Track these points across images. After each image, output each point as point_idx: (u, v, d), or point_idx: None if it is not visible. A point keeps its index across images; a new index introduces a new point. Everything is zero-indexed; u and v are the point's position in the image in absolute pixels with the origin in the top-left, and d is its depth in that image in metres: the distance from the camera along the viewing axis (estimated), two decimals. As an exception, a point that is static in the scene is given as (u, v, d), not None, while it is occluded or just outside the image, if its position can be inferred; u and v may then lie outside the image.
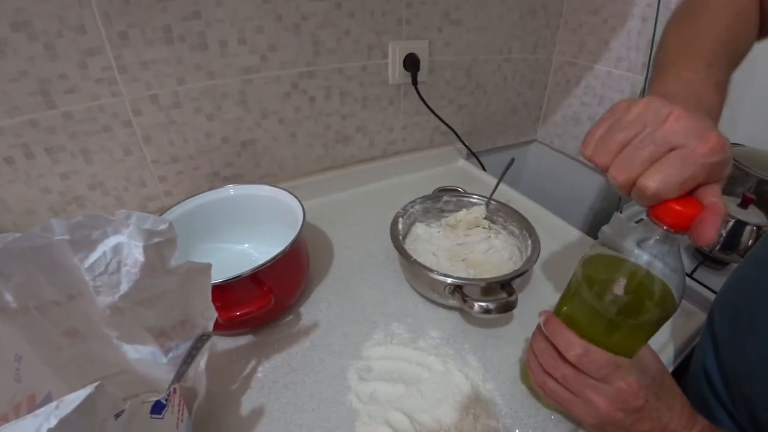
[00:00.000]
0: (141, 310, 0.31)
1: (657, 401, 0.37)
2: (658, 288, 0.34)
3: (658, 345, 0.54)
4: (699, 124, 0.29)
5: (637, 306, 0.35)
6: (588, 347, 0.37)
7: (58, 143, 0.58)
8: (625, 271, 0.35)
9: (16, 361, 0.31)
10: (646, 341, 0.39)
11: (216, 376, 0.47)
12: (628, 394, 0.36)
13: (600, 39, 0.93)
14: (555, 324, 0.40)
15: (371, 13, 0.71)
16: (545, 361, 0.41)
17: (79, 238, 0.26)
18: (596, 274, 0.37)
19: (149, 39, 0.57)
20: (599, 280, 0.36)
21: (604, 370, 0.36)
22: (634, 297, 0.35)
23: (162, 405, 0.32)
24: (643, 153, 0.29)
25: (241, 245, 0.63)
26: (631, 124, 0.30)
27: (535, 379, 0.43)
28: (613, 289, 0.35)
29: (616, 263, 0.36)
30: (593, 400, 0.37)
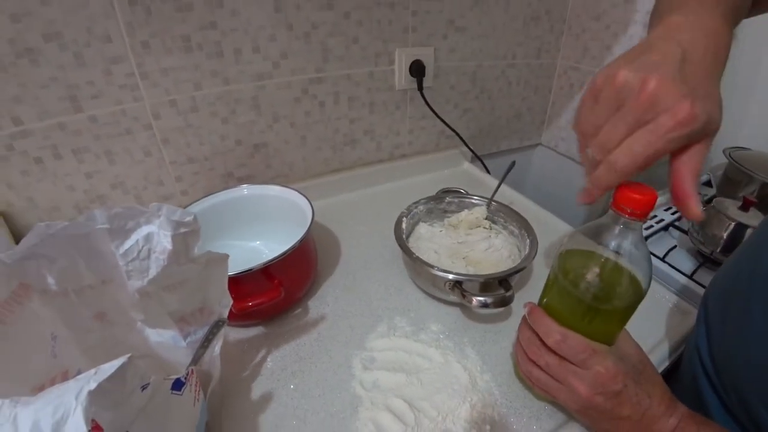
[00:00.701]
0: (165, 295, 0.35)
1: (636, 386, 0.38)
2: (625, 275, 0.38)
3: (653, 341, 0.56)
4: (671, 93, 0.29)
5: (607, 292, 0.38)
6: (566, 333, 0.39)
7: (83, 145, 0.62)
8: (595, 261, 0.38)
9: (53, 340, 0.34)
10: (621, 327, 0.41)
11: (229, 364, 0.50)
12: (606, 378, 0.37)
13: (603, 44, 0.96)
14: (537, 313, 0.42)
15: (378, 22, 0.75)
16: (530, 349, 0.43)
17: (117, 227, 0.30)
18: (570, 265, 0.40)
19: (169, 47, 0.61)
20: (573, 270, 0.39)
21: (581, 355, 0.38)
22: (603, 284, 0.38)
23: (181, 383, 0.35)
24: (618, 131, 0.31)
25: (253, 242, 0.66)
26: (608, 101, 0.32)
27: (521, 368, 0.45)
28: (585, 278, 0.38)
29: (587, 255, 0.39)
30: (574, 385, 0.39)
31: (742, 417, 0.41)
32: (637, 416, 0.38)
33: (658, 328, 0.58)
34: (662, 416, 0.38)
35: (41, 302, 0.33)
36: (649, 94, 0.29)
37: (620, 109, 0.31)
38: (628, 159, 0.31)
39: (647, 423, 0.38)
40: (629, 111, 0.31)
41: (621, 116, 0.31)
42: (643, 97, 0.30)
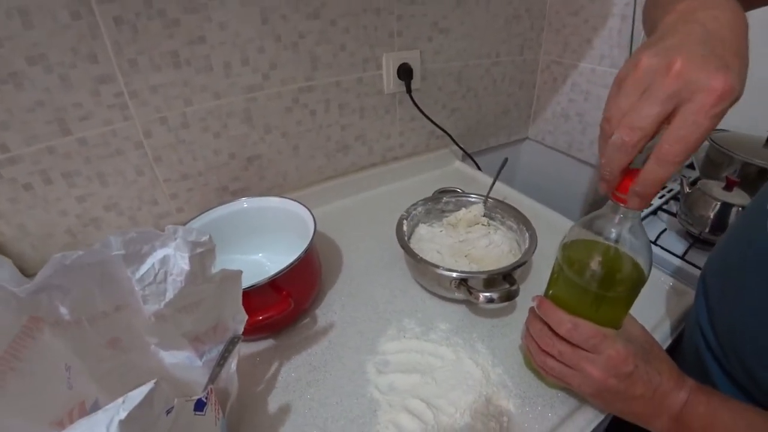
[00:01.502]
0: (181, 316, 0.34)
1: (646, 366, 0.40)
2: (627, 262, 0.39)
3: (654, 321, 0.57)
4: (703, 69, 0.28)
5: (610, 279, 0.40)
6: (577, 321, 0.41)
7: (74, 168, 0.61)
8: (598, 251, 0.39)
9: (67, 371, 0.33)
10: (626, 311, 0.43)
11: (242, 379, 0.49)
12: (618, 360, 0.39)
13: (583, 38, 0.98)
14: (546, 305, 0.43)
15: (364, 28, 0.75)
16: (542, 341, 0.44)
17: (132, 252, 0.30)
18: (574, 256, 0.41)
19: (157, 64, 0.61)
20: (577, 261, 0.41)
21: (592, 340, 0.40)
22: (607, 272, 0.39)
23: (203, 403, 0.35)
24: (651, 111, 0.29)
25: (255, 255, 0.66)
26: (633, 85, 0.30)
27: (535, 360, 0.46)
28: (589, 267, 0.40)
29: (589, 245, 0.40)
30: (587, 370, 0.40)
31: (745, 381, 0.43)
32: (649, 394, 0.39)
33: (658, 309, 0.60)
34: (672, 391, 0.39)
35: (53, 333, 0.32)
36: (677, 72, 0.28)
37: (648, 90, 0.30)
38: (681, 146, 0.29)
39: (659, 399, 0.39)
40: (659, 88, 0.29)
41: (650, 94, 0.29)
42: (671, 76, 0.28)
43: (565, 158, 1.15)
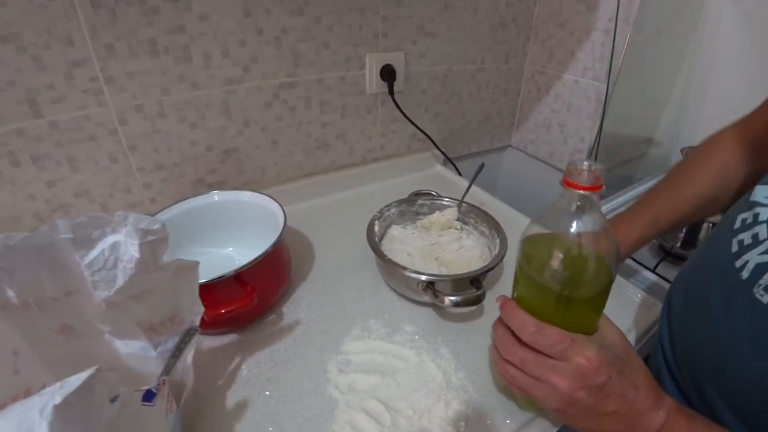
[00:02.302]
0: (133, 304, 0.34)
1: (621, 378, 0.35)
2: (590, 256, 0.36)
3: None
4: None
5: (573, 276, 0.36)
6: (541, 325, 0.36)
7: (44, 152, 0.60)
8: (557, 245, 0.36)
9: (14, 356, 0.33)
10: (598, 313, 0.39)
11: (202, 372, 0.49)
12: (589, 370, 0.34)
13: (567, 50, 0.99)
14: (509, 306, 0.39)
15: (349, 27, 0.75)
16: (504, 347, 0.40)
17: (81, 236, 0.29)
18: (533, 252, 0.38)
19: (135, 51, 0.60)
20: (536, 257, 0.38)
21: (559, 346, 0.35)
22: (568, 269, 0.36)
23: (153, 393, 0.35)
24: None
25: (225, 249, 0.65)
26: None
27: (498, 369, 0.42)
28: (549, 264, 0.36)
29: (548, 240, 0.37)
30: (553, 381, 0.36)
31: (699, 404, 0.42)
32: (623, 410, 0.35)
33: (625, 320, 0.60)
34: (650, 410, 0.35)
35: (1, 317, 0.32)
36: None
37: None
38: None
39: (634, 417, 0.35)
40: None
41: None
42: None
43: (546, 167, 1.16)
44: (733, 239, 0.40)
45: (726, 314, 0.39)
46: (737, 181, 0.56)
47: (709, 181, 0.56)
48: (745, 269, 0.38)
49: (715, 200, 0.57)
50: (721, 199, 0.57)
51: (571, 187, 0.33)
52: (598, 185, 0.33)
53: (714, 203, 0.57)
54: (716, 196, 0.57)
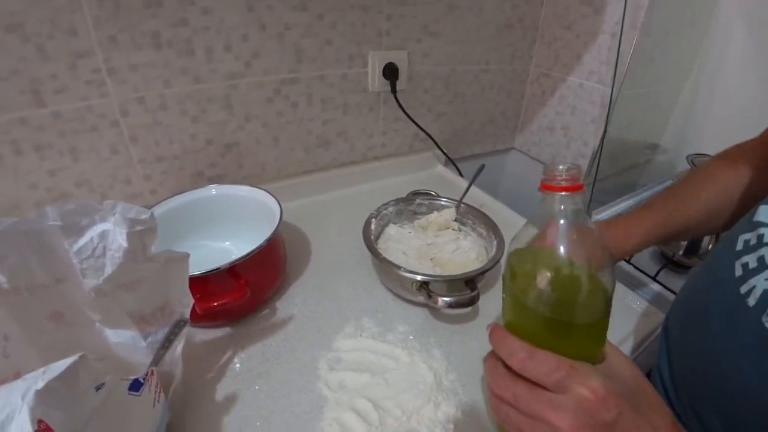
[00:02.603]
0: (122, 293, 0.34)
1: (635, 414, 0.29)
2: (582, 272, 0.31)
3: (616, 340, 0.56)
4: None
5: (563, 297, 0.31)
6: (533, 350, 0.31)
7: (46, 141, 0.60)
8: (541, 260, 0.32)
9: (4, 340, 0.33)
10: (599, 339, 0.33)
11: (194, 365, 0.50)
12: (594, 403, 0.28)
13: (573, 53, 0.98)
14: (498, 333, 0.34)
15: (352, 25, 0.75)
16: (495, 381, 0.34)
17: (70, 224, 0.29)
18: (519, 269, 0.33)
19: (138, 43, 0.60)
20: (521, 274, 0.33)
21: (556, 374, 0.29)
22: (557, 288, 0.31)
23: (140, 383, 0.35)
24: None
25: (223, 243, 0.65)
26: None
27: (491, 407, 0.36)
28: (535, 283, 0.31)
29: (531, 254, 0.33)
30: (551, 419, 0.29)
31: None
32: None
33: (622, 328, 0.59)
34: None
35: (-8, 301, 0.32)
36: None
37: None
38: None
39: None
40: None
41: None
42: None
43: (549, 171, 1.15)
44: (736, 262, 0.37)
45: (730, 342, 0.36)
46: (740, 199, 0.54)
47: (714, 196, 0.55)
48: (752, 296, 0.35)
49: (717, 214, 0.56)
50: (722, 214, 0.55)
51: (549, 191, 0.31)
52: (577, 185, 0.30)
53: (717, 218, 0.56)
54: (718, 210, 0.55)
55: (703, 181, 0.57)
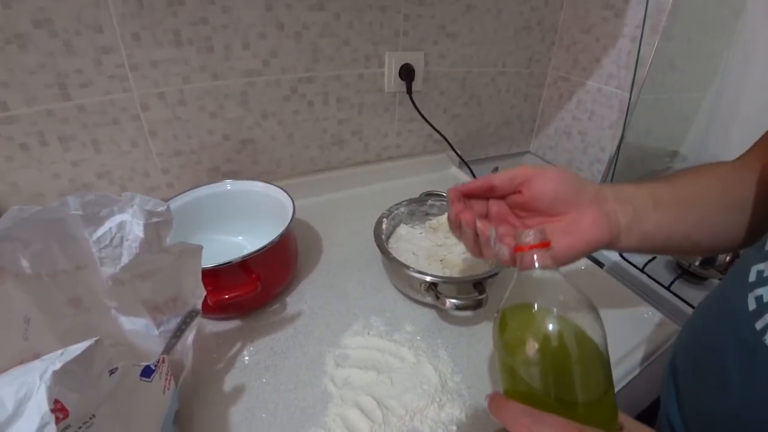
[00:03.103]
0: (138, 282, 0.35)
1: None
2: (571, 343, 0.30)
3: (628, 348, 0.56)
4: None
5: (555, 374, 0.29)
6: (539, 415, 0.28)
7: (70, 133, 0.62)
8: (528, 329, 0.31)
9: (25, 322, 0.34)
10: (610, 405, 0.31)
11: (203, 355, 0.51)
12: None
13: (592, 57, 0.97)
14: (497, 401, 0.31)
15: (369, 25, 0.76)
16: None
17: (90, 213, 0.31)
18: (509, 335, 0.32)
19: (159, 40, 0.62)
20: (512, 342, 0.32)
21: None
22: (550, 365, 0.29)
23: (151, 370, 0.36)
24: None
25: (236, 237, 0.67)
26: None
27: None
28: (525, 353, 0.30)
29: (517, 321, 0.32)
30: None
31: None
32: None
33: (632, 338, 0.58)
34: None
35: (15, 285, 0.33)
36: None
37: None
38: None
39: None
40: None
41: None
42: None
43: (565, 176, 1.14)
44: (749, 294, 0.34)
45: (746, 383, 0.33)
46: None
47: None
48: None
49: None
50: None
51: (529, 268, 0.32)
52: (546, 241, 0.32)
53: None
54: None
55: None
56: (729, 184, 0.44)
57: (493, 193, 0.44)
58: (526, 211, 0.43)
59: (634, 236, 0.42)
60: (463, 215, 0.40)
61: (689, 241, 0.43)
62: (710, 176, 0.45)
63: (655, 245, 0.43)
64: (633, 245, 0.42)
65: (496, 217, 0.44)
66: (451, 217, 0.42)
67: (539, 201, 0.41)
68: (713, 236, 0.44)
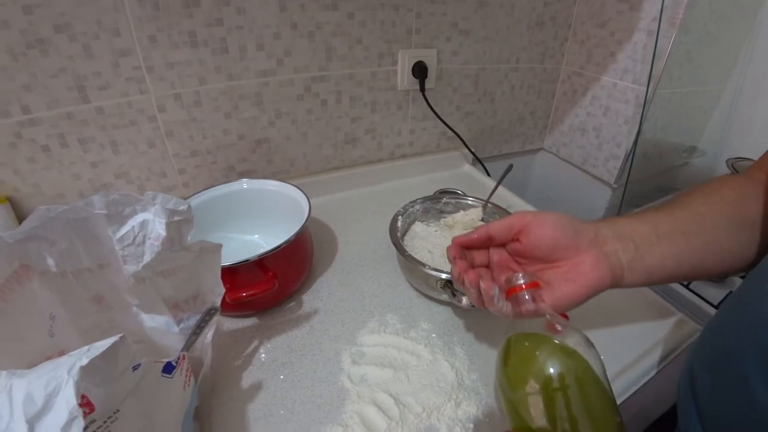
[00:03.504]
0: (160, 280, 0.36)
1: None
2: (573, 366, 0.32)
3: (646, 347, 0.55)
4: None
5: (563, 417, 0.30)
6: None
7: (89, 134, 0.63)
8: (529, 372, 0.33)
9: (51, 319, 0.35)
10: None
11: (222, 352, 0.51)
12: None
13: (607, 51, 0.96)
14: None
15: (382, 23, 0.76)
16: None
17: (114, 213, 0.31)
18: (512, 369, 0.34)
19: (175, 42, 0.63)
20: (515, 378, 0.34)
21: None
22: (551, 412, 0.31)
23: (172, 366, 0.36)
24: None
25: (252, 236, 0.67)
26: None
27: None
28: (527, 402, 0.32)
29: (519, 363, 0.34)
30: None
31: None
32: None
33: (648, 337, 0.57)
34: None
35: (41, 283, 0.34)
36: None
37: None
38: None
39: None
40: None
41: None
42: None
43: (579, 173, 1.13)
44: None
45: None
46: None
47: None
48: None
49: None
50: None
51: (514, 293, 0.34)
52: (535, 282, 0.35)
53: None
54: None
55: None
56: (735, 205, 0.43)
57: (492, 242, 0.44)
58: (526, 258, 0.43)
59: (638, 273, 0.41)
60: (466, 275, 0.40)
61: (698, 269, 0.42)
62: (714, 198, 0.44)
63: (663, 278, 0.43)
64: (639, 282, 0.42)
65: (498, 265, 0.45)
66: (455, 276, 0.43)
67: (538, 249, 0.41)
68: (723, 260, 0.43)
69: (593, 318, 0.42)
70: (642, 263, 0.41)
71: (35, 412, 0.25)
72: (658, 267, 0.41)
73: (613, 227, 0.42)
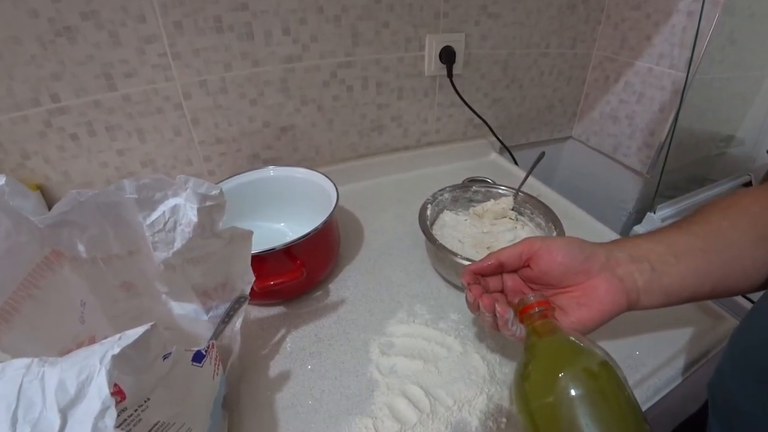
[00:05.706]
0: (189, 267, 0.35)
1: None
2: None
3: (673, 351, 0.51)
4: None
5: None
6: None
7: (116, 122, 0.63)
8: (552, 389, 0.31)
9: (81, 306, 0.35)
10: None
11: (249, 341, 0.51)
12: None
13: (642, 34, 0.91)
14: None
15: (409, 6, 0.73)
16: None
17: (145, 198, 0.30)
18: (534, 386, 0.33)
19: (201, 28, 0.62)
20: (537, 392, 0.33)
21: None
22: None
23: (202, 355, 0.36)
24: None
25: (278, 224, 0.67)
26: None
27: None
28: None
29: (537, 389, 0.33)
30: None
31: None
32: None
33: (672, 341, 0.52)
34: None
35: (72, 269, 0.34)
36: None
37: None
38: None
39: None
40: None
41: None
42: None
43: (610, 162, 1.09)
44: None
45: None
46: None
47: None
48: None
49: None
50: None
51: (526, 311, 0.37)
52: (545, 301, 0.37)
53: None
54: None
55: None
56: (756, 218, 0.41)
57: (504, 269, 0.44)
58: (538, 284, 0.43)
59: (656, 295, 0.40)
60: (481, 300, 0.41)
61: (721, 287, 0.40)
62: (734, 212, 0.42)
63: (683, 298, 0.41)
64: (657, 303, 0.40)
65: (511, 290, 0.45)
66: (470, 301, 0.43)
67: (549, 275, 0.41)
68: (747, 276, 0.40)
69: (627, 315, 0.40)
70: (659, 284, 0.39)
71: (68, 401, 0.24)
72: (678, 287, 0.40)
73: (626, 249, 0.41)
